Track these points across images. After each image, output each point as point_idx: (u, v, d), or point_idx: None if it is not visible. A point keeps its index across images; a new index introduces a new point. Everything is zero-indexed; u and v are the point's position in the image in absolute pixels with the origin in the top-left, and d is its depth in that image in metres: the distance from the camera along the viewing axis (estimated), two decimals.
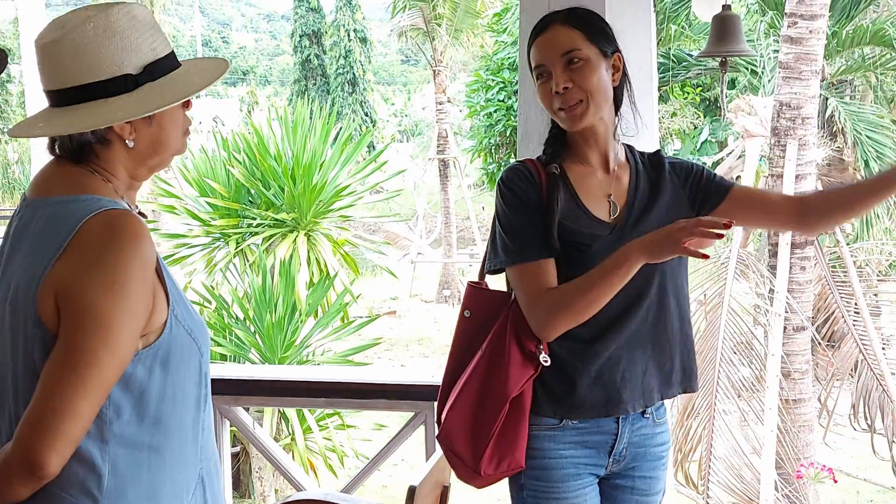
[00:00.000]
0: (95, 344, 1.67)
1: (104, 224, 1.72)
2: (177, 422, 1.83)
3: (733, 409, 6.50)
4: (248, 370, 5.71)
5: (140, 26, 1.84)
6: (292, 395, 4.93)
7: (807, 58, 7.13)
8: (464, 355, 2.38)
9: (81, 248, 1.70)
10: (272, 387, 4.48)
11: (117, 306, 1.68)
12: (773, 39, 10.47)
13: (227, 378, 3.82)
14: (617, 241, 2.25)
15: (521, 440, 2.29)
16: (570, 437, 2.32)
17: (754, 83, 13.24)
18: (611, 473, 2.40)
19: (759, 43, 11.90)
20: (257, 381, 4.37)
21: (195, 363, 1.85)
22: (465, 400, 2.31)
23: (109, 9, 1.83)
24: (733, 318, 6.71)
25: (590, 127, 2.30)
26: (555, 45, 2.30)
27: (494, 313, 2.35)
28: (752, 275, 6.90)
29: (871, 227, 11.34)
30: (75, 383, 1.66)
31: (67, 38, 1.79)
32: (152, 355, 1.77)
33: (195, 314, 1.88)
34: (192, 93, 1.88)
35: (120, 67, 1.80)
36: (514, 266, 2.29)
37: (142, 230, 1.74)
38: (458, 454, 2.33)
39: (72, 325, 1.68)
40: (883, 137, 11.08)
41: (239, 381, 3.97)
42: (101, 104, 1.79)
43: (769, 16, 11.80)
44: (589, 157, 2.38)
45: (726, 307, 6.64)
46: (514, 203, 2.30)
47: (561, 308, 2.22)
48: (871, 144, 10.83)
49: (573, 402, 2.29)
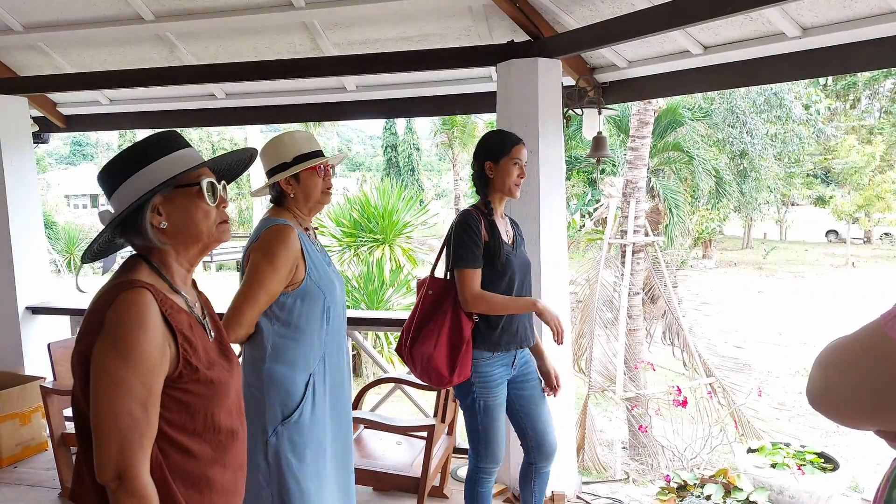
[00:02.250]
0: (251, 282, 1.74)
1: (271, 229, 1.80)
2: (306, 327, 1.81)
3: (602, 332, 6.46)
4: (360, 313, 5.74)
5: (296, 139, 1.91)
6: (381, 325, 4.94)
7: (640, 158, 7.11)
8: (427, 314, 2.21)
9: (259, 239, 1.79)
10: (371, 321, 4.50)
11: (262, 264, 1.75)
12: (623, 149, 10.44)
13: (350, 316, 3.84)
14: (513, 253, 2.21)
15: (469, 362, 2.16)
16: (497, 361, 2.21)
17: (613, 170, 13.18)
18: (512, 378, 2.29)
19: (616, 149, 11.87)
20: (365, 318, 4.40)
21: (320, 300, 1.82)
22: (442, 343, 2.14)
23: (283, 135, 1.92)
24: (603, 288, 6.68)
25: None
26: (525, 154, 2.23)
27: (446, 293, 2.20)
28: (613, 266, 6.86)
29: (673, 242, 11.28)
30: (242, 296, 1.74)
31: (264, 148, 1.91)
32: (294, 293, 1.79)
33: (325, 276, 1.86)
34: (314, 164, 1.88)
35: (282, 157, 1.88)
36: (459, 269, 2.15)
37: (290, 233, 1.79)
38: (439, 371, 2.13)
39: (245, 276, 1.77)
40: (679, 197, 11.04)
41: (355, 318, 3.97)
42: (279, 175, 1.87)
43: (622, 137, 11.75)
44: (498, 209, 2.26)
45: (600, 282, 6.61)
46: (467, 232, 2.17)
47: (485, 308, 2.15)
48: (672, 201, 10.79)
49: (499, 343, 2.19)
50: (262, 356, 1.78)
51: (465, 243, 2.13)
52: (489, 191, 2.21)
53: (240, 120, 4.17)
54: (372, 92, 3.69)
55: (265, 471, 1.78)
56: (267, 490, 1.78)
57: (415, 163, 30.06)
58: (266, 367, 1.78)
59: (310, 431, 1.81)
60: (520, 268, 2.23)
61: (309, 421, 1.80)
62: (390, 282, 8.71)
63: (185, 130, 27.62)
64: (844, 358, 0.68)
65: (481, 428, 2.22)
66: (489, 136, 2.28)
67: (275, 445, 1.77)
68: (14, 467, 3.48)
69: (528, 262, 2.31)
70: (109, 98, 4.08)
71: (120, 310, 1.06)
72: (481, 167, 2.21)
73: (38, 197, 4.06)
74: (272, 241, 1.76)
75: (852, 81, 21.62)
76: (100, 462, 1.04)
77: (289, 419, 1.77)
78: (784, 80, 2.83)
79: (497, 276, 2.17)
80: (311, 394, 1.81)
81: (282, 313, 1.78)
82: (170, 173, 1.15)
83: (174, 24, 3.32)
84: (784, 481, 3.34)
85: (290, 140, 1.88)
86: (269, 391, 1.78)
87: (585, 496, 3.13)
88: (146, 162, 1.15)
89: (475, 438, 2.24)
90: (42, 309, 3.93)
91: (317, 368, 1.83)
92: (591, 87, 3.20)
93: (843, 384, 0.68)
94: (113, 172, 1.17)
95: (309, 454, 1.81)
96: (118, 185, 1.15)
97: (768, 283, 17.96)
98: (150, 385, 1.07)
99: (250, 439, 1.69)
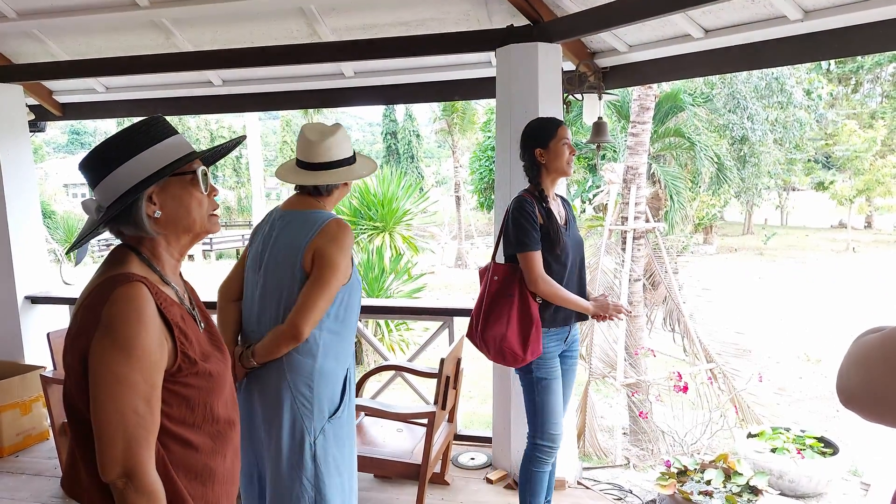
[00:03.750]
0: (330, 277, 1.74)
1: (337, 223, 1.80)
2: (349, 321, 1.84)
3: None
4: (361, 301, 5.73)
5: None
6: (382, 313, 4.93)
7: (641, 143, 7.07)
8: (495, 299, 2.27)
9: (327, 233, 1.77)
10: (372, 309, 4.50)
11: (340, 259, 1.76)
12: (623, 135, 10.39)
13: None
14: (566, 234, 2.28)
15: (540, 340, 2.23)
16: (553, 335, 2.28)
17: (614, 156, 13.13)
18: (563, 351, 2.36)
19: (616, 135, 11.81)
20: (365, 306, 4.39)
21: (358, 295, 1.86)
22: (513, 325, 2.20)
23: (340, 126, 1.92)
24: (604, 274, 6.67)
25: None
26: (570, 134, 2.30)
27: (512, 278, 2.26)
28: (613, 253, 6.86)
29: (674, 229, 11.26)
30: (322, 292, 1.74)
31: (326, 140, 1.87)
32: (345, 289, 1.80)
33: (358, 274, 1.88)
34: (365, 175, 1.96)
35: (348, 152, 1.90)
36: (523, 253, 2.22)
37: (350, 228, 1.83)
38: (514, 350, 2.20)
39: (318, 270, 1.75)
40: (679, 183, 11.00)
41: None
42: (340, 171, 1.88)
43: (622, 122, 11.69)
44: (551, 192, 2.33)
45: (600, 268, 6.60)
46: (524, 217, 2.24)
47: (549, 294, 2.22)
48: (673, 187, 10.75)
49: (555, 320, 2.27)
50: (315, 353, 1.76)
51: (524, 228, 2.20)
52: (542, 176, 2.28)
53: (237, 107, 4.14)
54: (370, 78, 3.66)
55: (311, 471, 1.75)
56: (312, 491, 1.76)
57: (414, 150, 29.95)
58: (318, 365, 1.76)
59: (347, 423, 1.83)
60: (573, 247, 2.31)
61: (347, 414, 1.82)
62: (390, 269, 8.69)
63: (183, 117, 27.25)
64: (874, 355, 0.67)
65: (538, 401, 2.28)
66: (532, 125, 2.33)
67: (322, 443, 1.76)
68: (15, 456, 3.50)
69: (580, 240, 2.38)
70: (105, 86, 4.05)
71: (118, 305, 1.04)
72: (532, 156, 2.27)
73: (35, 186, 4.04)
74: (344, 236, 1.78)
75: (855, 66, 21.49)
76: (104, 461, 1.02)
77: (334, 416, 1.78)
78: (785, 63, 2.80)
79: (553, 256, 2.24)
80: (348, 386, 1.83)
81: (332, 308, 1.78)
82: (164, 161, 1.12)
83: (170, 10, 3.29)
84: (784, 466, 3.35)
85: (345, 134, 1.92)
86: (318, 389, 1.76)
87: (586, 482, 3.14)
88: (136, 150, 1.12)
89: (532, 413, 2.31)
90: (41, 298, 3.93)
91: (351, 361, 1.86)
92: (592, 71, 3.17)
93: (868, 382, 0.67)
94: (99, 161, 1.13)
95: (347, 446, 1.83)
96: (105, 174, 1.12)
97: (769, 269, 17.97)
98: (153, 381, 1.06)
99: (288, 441, 1.72)
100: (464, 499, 2.94)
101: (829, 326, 11.75)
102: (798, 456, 3.37)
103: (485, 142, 18.71)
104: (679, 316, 6.67)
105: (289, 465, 1.75)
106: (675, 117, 11.89)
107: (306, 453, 1.74)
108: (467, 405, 7.95)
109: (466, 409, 7.72)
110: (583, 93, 3.22)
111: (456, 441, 3.44)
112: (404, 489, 2.99)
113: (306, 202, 1.88)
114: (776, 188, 23.19)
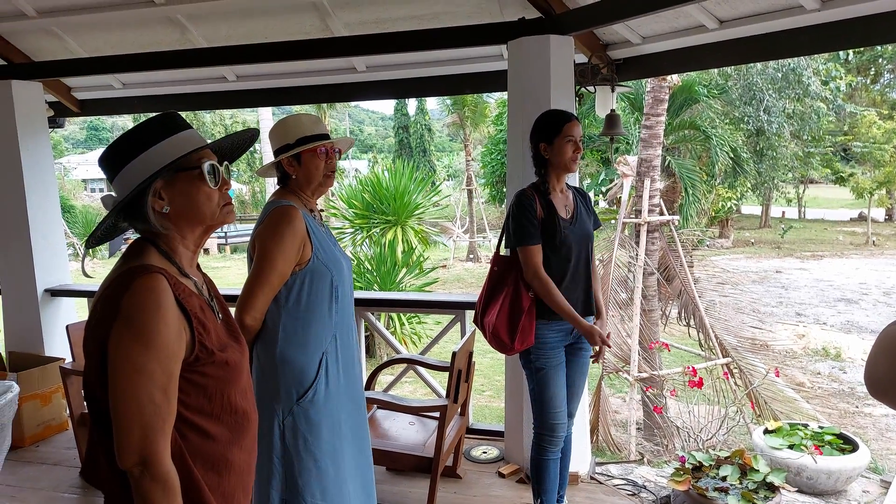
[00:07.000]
0: (264, 264, 1.76)
1: (277, 210, 1.81)
2: (316, 307, 1.83)
3: (616, 313, 6.43)
4: (373, 294, 5.76)
5: (301, 121, 1.89)
6: (394, 306, 4.95)
7: (655, 136, 7.01)
8: (494, 289, 2.36)
9: (264, 221, 1.81)
10: (384, 302, 4.51)
11: (271, 245, 1.76)
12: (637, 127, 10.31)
13: (363, 297, 3.85)
14: (570, 228, 2.28)
15: (532, 331, 2.27)
16: (554, 326, 2.29)
17: (627, 149, 13.02)
18: (569, 344, 2.37)
19: (630, 127, 11.72)
20: (378, 299, 4.41)
21: (328, 279, 1.84)
22: (503, 313, 2.27)
23: (288, 117, 1.92)
24: (618, 268, 6.63)
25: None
26: (579, 130, 2.29)
27: (509, 269, 2.33)
28: (627, 246, 6.81)
29: (689, 222, 11.16)
30: (256, 280, 1.76)
31: (272, 129, 1.90)
32: (302, 273, 1.80)
33: (332, 255, 1.87)
34: (315, 146, 1.88)
35: (285, 139, 1.88)
36: (521, 247, 2.27)
37: (295, 214, 1.79)
38: (501, 338, 2.27)
39: (255, 258, 1.78)
40: (695, 176, 10.89)
41: (368, 299, 3.99)
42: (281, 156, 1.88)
43: (636, 115, 11.59)
44: (557, 186, 2.33)
45: (614, 262, 6.56)
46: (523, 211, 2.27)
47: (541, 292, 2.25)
48: (688, 180, 10.64)
49: (555, 312, 2.27)
50: (275, 339, 1.80)
51: (521, 223, 2.24)
52: (547, 170, 2.30)
53: (251, 102, 4.17)
54: (382, 72, 3.66)
55: (279, 449, 1.80)
56: (280, 469, 1.80)
57: (426, 143, 29.93)
58: (279, 351, 1.79)
59: (325, 408, 1.83)
60: (576, 241, 2.31)
61: (324, 398, 1.82)
62: (402, 263, 8.70)
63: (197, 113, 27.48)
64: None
65: (536, 390, 2.32)
66: (541, 117, 2.34)
67: (290, 424, 1.79)
68: (36, 446, 3.56)
69: (588, 234, 2.38)
70: (122, 82, 4.09)
71: (137, 296, 1.06)
72: (537, 149, 2.30)
73: (54, 181, 4.09)
74: (277, 223, 1.78)
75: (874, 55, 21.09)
76: (122, 449, 1.04)
77: (303, 398, 1.79)
78: (802, 53, 2.77)
79: (552, 249, 2.26)
80: (324, 372, 1.82)
81: (291, 294, 1.80)
82: (170, 157, 1.14)
83: (185, 6, 3.31)
84: (802, 462, 3.31)
85: (294, 122, 1.89)
86: (282, 373, 1.79)
87: (599, 476, 3.13)
88: (147, 145, 1.14)
89: (532, 401, 2.36)
90: (61, 291, 3.99)
91: (329, 347, 1.84)
92: (604, 63, 3.15)
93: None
94: (114, 157, 1.16)
95: (325, 430, 1.82)
96: (119, 169, 1.15)
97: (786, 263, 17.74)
98: (171, 370, 1.07)
99: (262, 421, 1.70)
100: (476, 492, 2.95)
101: (849, 321, 11.60)
102: (816, 452, 3.33)
103: (497, 135, 18.65)
104: (694, 310, 6.61)
105: (261, 444, 1.78)
106: (689, 109, 11.77)
107: (275, 433, 1.79)
108: (479, 399, 7.96)
109: (479, 403, 7.73)
110: (595, 85, 3.20)
111: (468, 435, 3.45)
112: (417, 482, 3.00)
113: (276, 193, 1.94)
114: (793, 181, 22.86)
